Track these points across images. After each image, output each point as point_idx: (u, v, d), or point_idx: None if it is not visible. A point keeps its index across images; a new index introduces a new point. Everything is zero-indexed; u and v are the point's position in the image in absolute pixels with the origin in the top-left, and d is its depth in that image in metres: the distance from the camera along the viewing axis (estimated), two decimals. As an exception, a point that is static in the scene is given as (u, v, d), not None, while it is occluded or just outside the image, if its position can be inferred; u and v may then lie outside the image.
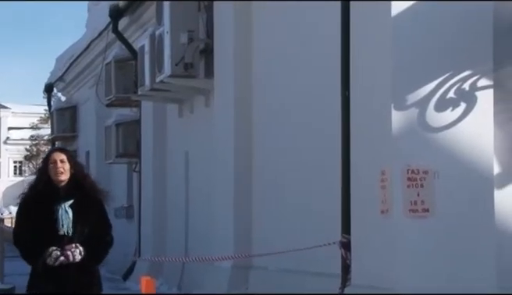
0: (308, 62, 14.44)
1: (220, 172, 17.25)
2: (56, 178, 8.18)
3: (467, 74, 11.64)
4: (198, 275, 15.62)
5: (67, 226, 8.08)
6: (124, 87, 22.99)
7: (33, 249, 8.09)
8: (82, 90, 32.79)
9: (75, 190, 8.27)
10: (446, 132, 11.62)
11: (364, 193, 12.20)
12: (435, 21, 11.68)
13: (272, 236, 15.48)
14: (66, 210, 8.08)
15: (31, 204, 8.25)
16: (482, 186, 11.65)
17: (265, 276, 15.64)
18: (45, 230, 8.04)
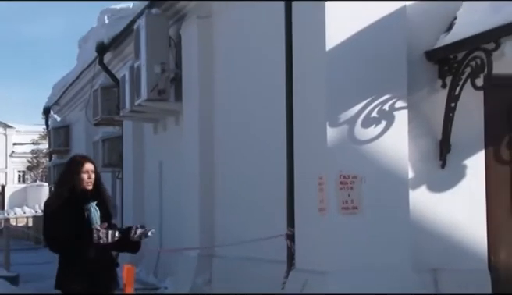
0: (258, 87, 14.42)
1: (188, 178, 17.20)
2: (88, 186, 8.03)
3: (387, 97, 11.74)
4: (171, 262, 15.61)
5: (98, 222, 7.92)
6: (108, 110, 22.91)
7: (72, 244, 7.80)
8: (74, 112, 32.68)
9: (96, 194, 8.12)
10: (370, 144, 11.67)
11: (305, 194, 12.20)
12: (362, 53, 11.68)
13: (230, 230, 15.43)
14: (96, 209, 7.96)
15: (66, 205, 7.96)
16: (399, 188, 11.74)
17: (226, 263, 15.55)
18: (80, 227, 7.82)
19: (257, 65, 14.55)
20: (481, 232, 12.21)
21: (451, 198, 12.13)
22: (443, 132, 11.99)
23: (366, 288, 11.22)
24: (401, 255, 11.57)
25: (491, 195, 12.31)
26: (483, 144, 12.30)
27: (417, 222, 11.83)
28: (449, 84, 11.87)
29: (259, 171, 14.29)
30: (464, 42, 11.46)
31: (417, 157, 11.97)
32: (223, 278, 15.69)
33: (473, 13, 11.50)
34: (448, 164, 12.08)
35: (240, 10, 15.32)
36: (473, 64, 11.43)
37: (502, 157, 12.46)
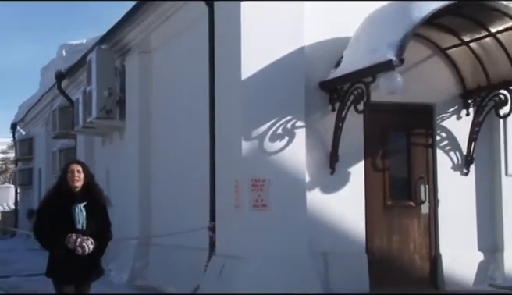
0: (186, 108, 14.49)
1: (129, 181, 17.22)
2: (72, 184, 7.66)
3: (289, 118, 11.92)
4: (115, 250, 15.41)
5: (82, 223, 7.57)
6: (65, 125, 22.60)
7: (54, 238, 7.48)
8: (36, 127, 32.12)
9: (87, 195, 7.75)
10: (276, 155, 11.84)
11: (224, 194, 12.34)
12: (270, 82, 11.81)
13: (164, 224, 15.43)
14: (81, 210, 7.59)
15: (52, 204, 7.70)
16: (298, 190, 11.92)
17: (160, 250, 15.49)
18: (64, 225, 7.48)
19: (185, 90, 14.59)
20: (361, 223, 12.48)
21: (338, 197, 12.35)
22: (333, 146, 12.21)
23: (272, 269, 11.40)
24: (299, 242, 11.76)
25: (368, 195, 12.62)
26: (363, 156, 12.62)
27: (312, 216, 12.02)
28: (337, 109, 12.09)
29: (187, 175, 14.32)
30: (349, 76, 11.70)
31: (312, 165, 12.17)
32: (158, 262, 15.62)
33: (355, 53, 11.76)
34: (336, 171, 12.32)
35: (172, 46, 15.41)
36: (355, 93, 11.70)
37: (377, 166, 12.84)
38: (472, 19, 12.28)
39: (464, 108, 13.36)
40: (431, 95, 13.16)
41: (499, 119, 13.21)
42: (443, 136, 13.32)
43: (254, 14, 11.88)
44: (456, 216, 13.17)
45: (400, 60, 10.82)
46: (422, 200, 13.08)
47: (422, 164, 13.20)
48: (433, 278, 13.01)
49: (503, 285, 12.95)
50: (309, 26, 12.15)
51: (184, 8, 14.29)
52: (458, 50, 13.09)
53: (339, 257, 12.13)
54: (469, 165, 13.34)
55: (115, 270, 16.19)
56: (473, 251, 13.28)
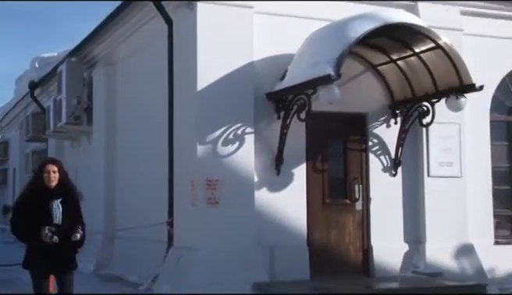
0: (148, 114, 14.48)
1: (96, 181, 17.14)
2: (49, 184, 7.39)
3: (240, 125, 11.97)
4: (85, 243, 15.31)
5: (58, 218, 7.30)
6: (37, 130, 22.51)
7: (31, 232, 7.21)
8: (11, 131, 31.82)
9: (62, 191, 7.48)
10: (228, 157, 11.90)
11: (181, 192, 12.36)
12: (223, 92, 11.87)
13: (127, 219, 15.36)
14: (58, 205, 7.33)
15: (29, 201, 7.43)
16: (248, 189, 12.00)
17: (123, 242, 15.51)
18: (42, 220, 7.22)
19: (147, 98, 14.57)
20: (303, 219, 12.56)
21: (283, 196, 12.42)
22: (278, 150, 12.27)
23: (223, 259, 11.46)
24: (248, 236, 11.81)
25: (309, 193, 12.70)
26: (305, 159, 12.70)
27: (259, 212, 12.08)
28: (282, 117, 12.15)
29: (148, 176, 14.28)
30: (293, 88, 11.77)
31: (260, 167, 12.23)
32: (121, 253, 15.62)
33: (298, 68, 11.83)
34: (281, 172, 12.39)
35: (135, 59, 15.40)
36: (298, 103, 11.76)
37: (317, 168, 12.91)
38: (399, 41, 12.46)
39: (393, 118, 13.49)
40: (364, 106, 13.30)
41: (422, 127, 13.35)
42: (375, 142, 13.45)
43: (209, 32, 11.93)
44: (386, 212, 13.33)
45: (337, 75, 10.89)
46: (356, 198, 13.18)
47: (356, 166, 13.31)
48: (365, 266, 13.13)
49: (425, 271, 13.08)
50: (257, 44, 12.22)
51: (146, 26, 14.27)
52: (387, 67, 13.25)
53: (283, 248, 12.17)
54: (397, 167, 13.49)
55: (83, 261, 15.98)
56: (400, 243, 13.42)
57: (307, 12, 12.63)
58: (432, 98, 12.88)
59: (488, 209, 14.41)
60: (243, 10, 12.13)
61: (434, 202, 13.55)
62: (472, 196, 13.97)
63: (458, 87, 12.31)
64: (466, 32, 13.92)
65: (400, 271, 13.17)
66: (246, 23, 12.14)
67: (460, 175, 13.84)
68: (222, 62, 11.98)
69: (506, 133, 14.97)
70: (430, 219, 13.49)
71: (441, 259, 13.38)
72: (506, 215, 14.81)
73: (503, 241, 14.49)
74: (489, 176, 14.48)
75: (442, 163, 13.69)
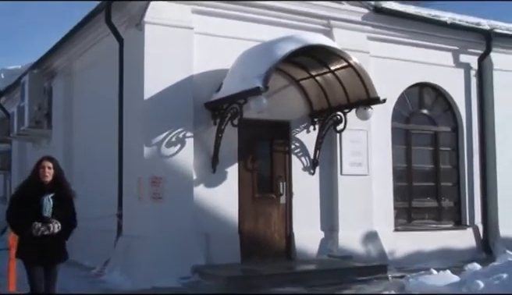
0: (101, 119, 14.14)
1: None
2: (43, 179, 7.02)
3: (181, 129, 11.83)
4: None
5: (48, 211, 6.88)
6: (3, 133, 22.16)
7: (23, 224, 6.84)
8: (-22, 133, 31.24)
9: (56, 187, 7.06)
10: (170, 158, 11.73)
11: (130, 188, 12.15)
12: (166, 101, 11.70)
13: (83, 211, 14.79)
14: (49, 200, 6.92)
15: (24, 194, 7.04)
16: (188, 185, 11.85)
17: (80, 232, 15.03)
18: (33, 212, 6.84)
19: (100, 106, 14.24)
20: (235, 211, 12.50)
21: (218, 191, 12.32)
22: (214, 151, 12.18)
23: (166, 245, 11.31)
24: (187, 225, 11.69)
25: (241, 189, 12.64)
26: (237, 159, 12.64)
27: (197, 205, 11.97)
28: (218, 123, 12.08)
29: (101, 173, 13.99)
30: (227, 98, 11.71)
31: (199, 166, 12.11)
32: (78, 241, 15.00)
33: (232, 81, 11.75)
34: (217, 171, 12.30)
35: (90, 71, 15.06)
36: (232, 111, 11.72)
37: (248, 167, 12.84)
38: (318, 60, 12.52)
39: (312, 125, 13.53)
40: (288, 114, 13.31)
41: (336, 133, 13.42)
42: (296, 145, 13.46)
43: (155, 49, 11.79)
44: (305, 205, 13.36)
45: (265, 87, 10.91)
46: (281, 193, 13.17)
47: (281, 166, 13.29)
48: (288, 251, 13.12)
49: (338, 255, 13.17)
50: (197, 60, 12.15)
51: (100, 43, 14.03)
52: (308, 81, 13.29)
53: (218, 236, 12.10)
54: (315, 166, 13.52)
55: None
56: (317, 231, 13.44)
57: (240, 33, 12.62)
58: (344, 109, 12.96)
59: (390, 202, 14.60)
60: (184, 31, 12.01)
61: (345, 196, 13.64)
62: (377, 191, 14.14)
63: (366, 99, 12.43)
64: (372, 54, 14.13)
65: (317, 255, 13.20)
66: (187, 42, 12.04)
67: (367, 173, 13.98)
68: (166, 75, 11.83)
69: (404, 138, 15.19)
70: (342, 211, 13.59)
71: (351, 244, 13.47)
72: (403, 207, 15.02)
73: (401, 228, 14.70)
74: (390, 174, 14.68)
75: (352, 163, 13.80)
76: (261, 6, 12.91)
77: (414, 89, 15.35)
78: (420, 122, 15.47)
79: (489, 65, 16.01)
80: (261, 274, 11.36)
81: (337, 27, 13.79)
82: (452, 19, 15.47)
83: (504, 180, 15.85)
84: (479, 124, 15.98)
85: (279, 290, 10.69)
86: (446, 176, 15.67)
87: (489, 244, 15.47)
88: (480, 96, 16.02)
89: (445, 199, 15.64)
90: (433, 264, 11.87)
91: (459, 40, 15.71)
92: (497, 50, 16.05)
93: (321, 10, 13.59)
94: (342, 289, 10.92)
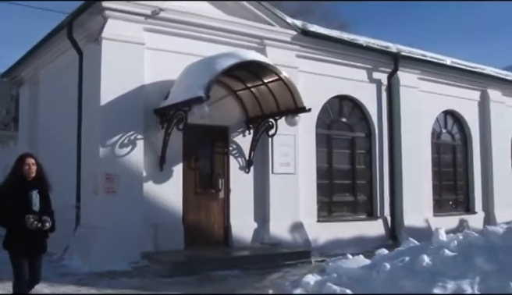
0: (62, 122, 13.78)
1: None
2: (29, 176, 6.59)
3: (132, 132, 11.63)
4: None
5: (37, 205, 6.44)
6: (-25, 134, 21.70)
7: (12, 218, 6.30)
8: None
9: (39, 182, 6.64)
10: (123, 157, 11.52)
11: (87, 183, 11.93)
12: (120, 107, 11.51)
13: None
14: (36, 195, 6.50)
15: (11, 190, 6.49)
16: (138, 181, 11.67)
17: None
18: (24, 207, 6.36)
19: (62, 111, 13.88)
20: (179, 204, 12.30)
21: (165, 187, 12.14)
22: (162, 152, 12.02)
23: (118, 234, 11.09)
24: (137, 217, 11.52)
25: (185, 185, 12.48)
26: (182, 159, 12.47)
27: (146, 199, 11.79)
28: (165, 127, 11.93)
29: (62, 171, 13.32)
30: (173, 106, 11.60)
31: (148, 164, 11.93)
32: None
33: (178, 90, 11.60)
34: (164, 169, 12.13)
35: (54, 80, 14.70)
36: (178, 117, 11.63)
37: (191, 166, 12.69)
38: (253, 73, 12.49)
39: (247, 129, 13.48)
40: (226, 120, 13.22)
41: (268, 137, 13.42)
42: (234, 147, 13.38)
43: (110, 62, 11.58)
44: (241, 199, 13.28)
45: (207, 96, 10.84)
46: (220, 189, 13.09)
47: (220, 165, 13.20)
48: (226, 239, 13.03)
49: (269, 242, 13.15)
50: (148, 72, 11.98)
51: (63, 55, 13.72)
52: (244, 92, 13.24)
53: (164, 226, 11.94)
54: (250, 166, 13.48)
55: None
56: (251, 222, 13.40)
57: (186, 49, 12.50)
58: (275, 116, 12.99)
59: (313, 197, 14.67)
60: (137, 46, 11.84)
61: (276, 192, 13.62)
62: (302, 187, 14.20)
63: (294, 108, 12.48)
64: (300, 69, 14.21)
65: (251, 243, 13.16)
66: (139, 56, 11.86)
67: (294, 172, 13.99)
68: (120, 85, 11.62)
69: (326, 142, 15.29)
70: (273, 204, 13.56)
71: (280, 233, 13.47)
72: (325, 201, 15.10)
73: (323, 220, 14.78)
74: (314, 173, 14.76)
75: (282, 164, 13.79)
76: (205, 26, 12.84)
77: (335, 100, 15.47)
78: (339, 129, 15.60)
79: (397, 82, 16.30)
80: (202, 259, 11.26)
81: (270, 46, 13.79)
82: (367, 43, 15.74)
83: (408, 179, 16.16)
84: (388, 131, 16.23)
85: (218, 273, 10.64)
86: (360, 175, 15.86)
87: (396, 233, 15.71)
88: (389, 107, 16.28)
89: (360, 194, 15.81)
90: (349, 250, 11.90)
91: (372, 60, 15.94)
92: (403, 69, 16.37)
93: (256, 31, 13.58)
94: (272, 272, 10.93)
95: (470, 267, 6.05)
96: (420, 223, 15.91)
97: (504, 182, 19.15)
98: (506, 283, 5.63)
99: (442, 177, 17.74)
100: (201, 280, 10.11)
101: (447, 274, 6.01)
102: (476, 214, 18.27)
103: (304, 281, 6.81)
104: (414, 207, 16.13)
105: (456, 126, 18.54)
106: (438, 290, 5.72)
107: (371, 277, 6.42)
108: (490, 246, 6.43)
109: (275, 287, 7.52)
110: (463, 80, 18.19)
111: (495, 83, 19.20)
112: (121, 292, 9.04)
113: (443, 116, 18.10)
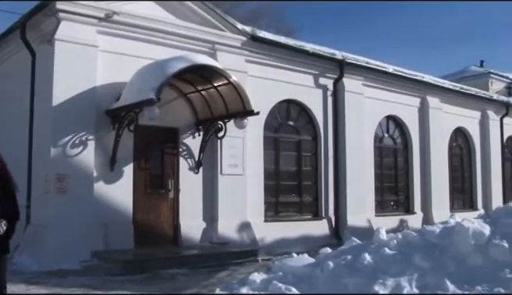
0: (15, 122, 13.57)
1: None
2: None
3: (84, 133, 11.59)
4: None
5: None
6: None
7: None
8: None
9: (1, 181, 5.95)
10: (74, 157, 11.47)
11: (38, 183, 11.81)
12: (72, 108, 11.40)
13: None
14: None
15: None
16: (89, 181, 11.64)
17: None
18: None
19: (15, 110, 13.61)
20: (130, 204, 12.32)
21: (116, 186, 12.13)
22: (113, 152, 12.03)
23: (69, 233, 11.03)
24: (88, 216, 11.48)
25: (135, 185, 12.48)
26: (132, 160, 12.50)
27: (97, 199, 11.77)
28: (117, 128, 11.94)
29: (14, 170, 13.14)
30: (125, 107, 11.63)
31: (99, 165, 11.90)
32: None
33: (130, 92, 11.63)
34: (114, 169, 12.13)
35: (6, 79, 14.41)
36: (129, 118, 11.67)
37: (142, 166, 12.72)
38: (203, 77, 12.63)
39: (197, 131, 13.58)
40: (177, 122, 13.29)
41: (217, 139, 13.55)
42: (184, 149, 13.46)
43: (63, 63, 11.51)
44: (190, 199, 13.36)
45: (157, 98, 10.92)
46: (169, 189, 13.14)
47: (170, 166, 13.25)
48: (175, 238, 13.09)
49: (217, 241, 13.27)
50: (100, 73, 11.96)
51: (16, 55, 13.53)
52: (194, 95, 13.35)
53: (115, 225, 11.94)
54: (199, 167, 13.58)
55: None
56: (200, 221, 13.49)
57: (138, 52, 12.54)
58: (224, 119, 13.14)
59: (261, 197, 14.86)
60: (90, 48, 11.82)
61: (224, 192, 13.75)
62: (250, 188, 14.39)
63: (242, 112, 12.67)
64: (249, 74, 14.42)
65: (199, 242, 13.25)
66: (92, 58, 11.83)
67: (242, 173, 14.17)
68: (72, 86, 11.56)
69: (274, 145, 15.51)
70: (221, 204, 13.69)
71: (228, 233, 13.61)
72: (272, 202, 15.30)
73: (269, 219, 14.98)
74: (262, 175, 14.96)
75: (230, 165, 13.94)
76: (158, 30, 12.89)
77: (283, 104, 15.72)
78: (287, 132, 15.86)
79: (342, 88, 16.69)
80: (151, 258, 11.28)
81: (220, 51, 13.93)
82: (314, 49, 16.05)
83: (352, 181, 16.56)
84: (333, 134, 16.58)
85: (168, 271, 10.68)
86: (306, 177, 16.14)
87: (339, 232, 16.04)
88: (334, 112, 16.64)
89: (305, 195, 16.10)
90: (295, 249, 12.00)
91: (319, 66, 16.28)
92: (348, 76, 16.78)
93: (207, 36, 13.71)
94: (220, 270, 11.03)
95: (408, 264, 6.24)
96: (362, 223, 16.33)
97: (441, 184, 19.90)
98: (441, 280, 5.87)
99: (384, 179, 18.28)
100: (151, 278, 10.15)
101: (387, 271, 6.17)
102: (415, 214, 18.88)
103: (250, 279, 6.85)
104: (357, 207, 16.54)
105: (397, 131, 19.12)
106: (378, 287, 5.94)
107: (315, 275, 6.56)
108: (427, 244, 6.62)
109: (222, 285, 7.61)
110: (404, 87, 18.79)
111: (433, 90, 19.91)
112: (71, 290, 9.02)
113: (386, 121, 18.64)
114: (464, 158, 22.04)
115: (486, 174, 22.44)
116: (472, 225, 6.56)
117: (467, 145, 22.20)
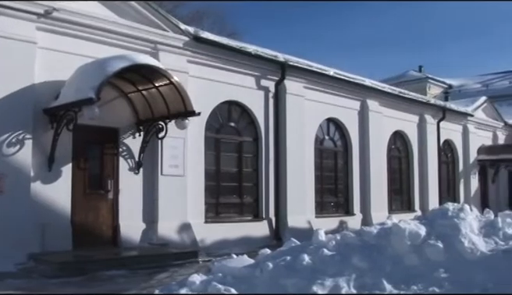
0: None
1: None
2: None
3: (21, 132, 11.34)
4: None
5: None
6: None
7: None
8: None
9: None
10: (11, 157, 11.18)
11: None
12: (12, 108, 11.15)
13: None
14: None
15: None
16: (25, 181, 11.34)
17: None
18: None
19: None
20: (68, 204, 12.13)
21: (54, 187, 11.92)
22: (51, 152, 11.84)
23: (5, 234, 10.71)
24: (24, 217, 11.22)
25: (74, 185, 12.30)
26: (71, 159, 12.31)
27: (35, 199, 11.53)
28: (55, 127, 11.77)
29: None
30: (63, 106, 11.46)
31: (36, 164, 11.68)
32: None
33: (69, 91, 11.45)
34: (52, 169, 11.92)
35: None
36: (68, 118, 11.51)
37: (80, 166, 12.57)
38: (144, 76, 12.60)
39: (138, 132, 13.52)
40: (117, 122, 13.20)
41: (158, 139, 13.52)
42: (124, 149, 13.38)
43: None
44: (130, 200, 13.31)
45: (97, 98, 10.82)
46: (109, 189, 13.05)
47: (110, 166, 13.16)
48: (114, 239, 13.01)
49: (157, 243, 13.27)
50: (39, 71, 11.74)
51: None
52: (135, 94, 13.28)
53: (53, 226, 11.73)
54: (139, 167, 13.53)
55: None
56: (139, 222, 13.45)
57: (78, 50, 12.38)
58: (165, 119, 13.14)
59: (201, 198, 14.91)
60: (28, 45, 11.55)
61: (164, 193, 13.75)
62: (191, 189, 14.44)
63: (184, 112, 12.73)
64: (191, 74, 14.47)
65: (139, 243, 13.20)
66: (30, 55, 11.57)
67: (183, 174, 14.20)
68: (9, 83, 11.29)
69: (215, 146, 15.59)
70: (162, 205, 13.68)
71: (168, 234, 13.62)
72: (212, 203, 15.36)
73: (210, 221, 15.05)
74: (203, 175, 15.01)
75: (171, 165, 13.95)
76: (99, 28, 12.75)
77: (224, 105, 15.82)
78: (228, 133, 15.97)
79: (283, 90, 16.94)
80: (90, 259, 11.18)
81: (162, 50, 13.92)
82: (256, 51, 16.21)
83: (292, 182, 16.83)
84: (274, 136, 16.80)
85: (106, 273, 10.60)
86: (247, 178, 16.30)
87: (280, 233, 16.26)
88: (276, 113, 16.86)
89: (246, 196, 16.25)
90: (236, 250, 12.25)
91: (261, 67, 16.46)
92: (289, 78, 17.06)
93: (149, 35, 13.66)
94: (160, 271, 11.03)
95: (346, 265, 6.43)
96: (303, 224, 16.62)
97: (380, 186, 20.45)
98: (379, 280, 6.09)
99: (324, 181, 18.63)
100: (89, 280, 10.06)
101: (326, 272, 6.34)
102: (355, 215, 19.34)
103: (189, 280, 6.88)
104: (298, 209, 16.82)
105: (337, 133, 19.53)
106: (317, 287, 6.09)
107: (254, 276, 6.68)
108: (365, 245, 6.83)
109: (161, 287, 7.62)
110: (344, 90, 19.22)
111: (373, 94, 20.44)
112: (5, 293, 8.85)
113: (326, 123, 19.00)
114: (402, 160, 22.71)
115: (423, 176, 23.20)
116: (408, 226, 6.82)
117: (406, 148, 22.89)
